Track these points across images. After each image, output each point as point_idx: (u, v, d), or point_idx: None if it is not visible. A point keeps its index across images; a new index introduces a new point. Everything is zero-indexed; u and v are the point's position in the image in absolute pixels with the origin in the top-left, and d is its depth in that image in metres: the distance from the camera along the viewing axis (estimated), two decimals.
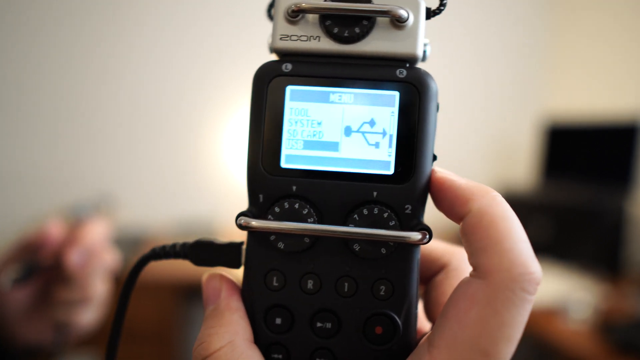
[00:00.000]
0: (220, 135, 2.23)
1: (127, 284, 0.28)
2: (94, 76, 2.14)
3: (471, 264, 0.22)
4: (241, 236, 0.26)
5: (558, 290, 1.47)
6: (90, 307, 0.54)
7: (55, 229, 0.51)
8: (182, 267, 1.75)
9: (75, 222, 0.54)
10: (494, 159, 2.49)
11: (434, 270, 0.27)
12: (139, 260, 0.28)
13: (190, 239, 0.27)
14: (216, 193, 2.21)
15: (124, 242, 1.93)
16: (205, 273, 0.26)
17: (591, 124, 2.02)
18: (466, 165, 2.47)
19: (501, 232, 0.21)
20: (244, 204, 0.26)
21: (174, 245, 0.27)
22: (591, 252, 1.71)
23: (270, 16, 0.27)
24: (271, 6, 0.27)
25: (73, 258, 0.49)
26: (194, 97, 2.21)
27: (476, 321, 0.20)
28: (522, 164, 2.46)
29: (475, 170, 2.47)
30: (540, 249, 1.87)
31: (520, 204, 2.07)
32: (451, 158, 2.44)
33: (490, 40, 2.46)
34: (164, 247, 0.27)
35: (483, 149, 2.48)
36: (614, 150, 1.92)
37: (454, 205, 0.23)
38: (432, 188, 0.24)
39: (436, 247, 0.28)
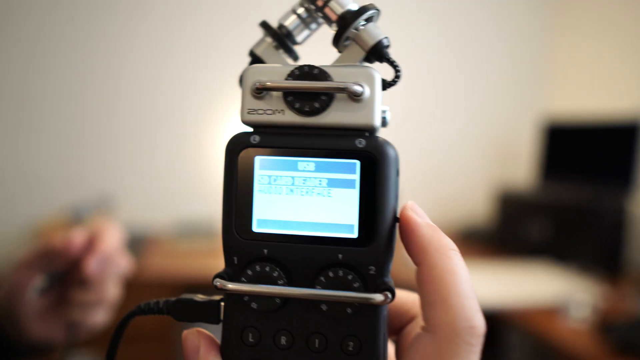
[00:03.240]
0: (221, 135, 2.23)
1: (113, 339, 0.30)
2: (95, 78, 2.15)
3: (423, 316, 0.23)
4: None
5: (558, 290, 1.48)
6: (103, 308, 0.57)
7: (78, 238, 0.55)
8: (183, 267, 1.75)
9: (93, 229, 0.57)
10: (493, 159, 2.50)
11: (405, 321, 0.29)
12: (125, 316, 0.29)
13: (190, 241, 0.28)
14: (216, 194, 2.21)
15: (123, 243, 1.93)
16: (185, 330, 0.27)
17: (591, 123, 2.03)
18: (466, 165, 2.47)
19: (448, 288, 0.22)
20: None
21: (157, 302, 0.29)
22: (591, 252, 1.71)
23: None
24: (242, 77, 0.29)
25: (92, 264, 0.53)
26: (194, 98, 2.21)
27: None
28: (522, 164, 2.46)
29: (475, 170, 2.47)
30: (540, 249, 1.87)
31: (520, 204, 2.07)
32: (451, 158, 2.45)
33: (489, 40, 2.46)
34: (148, 304, 0.29)
35: (483, 148, 2.48)
36: (614, 150, 1.92)
37: (411, 250, 0.24)
38: (400, 224, 0.25)
39: (407, 298, 0.29)
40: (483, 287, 1.53)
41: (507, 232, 2.08)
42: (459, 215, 2.43)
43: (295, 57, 0.30)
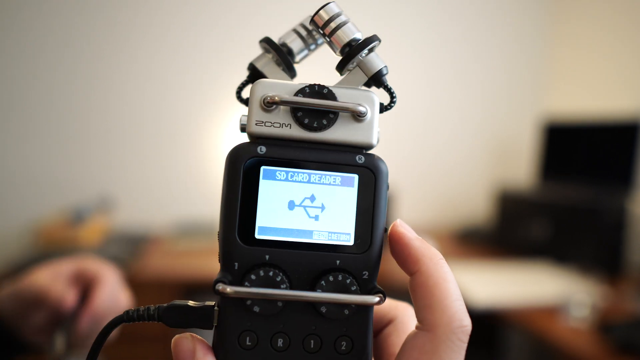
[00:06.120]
0: (220, 135, 2.23)
1: (95, 344, 0.29)
2: (96, 79, 2.15)
3: (417, 317, 0.26)
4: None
5: (558, 290, 1.48)
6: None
7: (70, 297, 0.56)
8: (183, 267, 1.75)
9: (87, 281, 0.58)
10: (493, 159, 2.50)
11: (382, 324, 0.31)
12: (111, 322, 0.29)
13: (190, 241, 0.28)
14: (217, 194, 2.21)
15: (124, 242, 1.94)
16: (175, 335, 0.27)
17: (591, 123, 2.03)
18: (466, 165, 2.47)
19: (443, 293, 0.26)
20: None
21: (148, 308, 0.29)
22: (591, 252, 1.72)
23: (239, 98, 0.32)
24: (240, 89, 0.32)
25: (84, 325, 0.55)
26: (193, 98, 2.21)
27: None
28: (522, 164, 2.47)
29: (475, 170, 2.47)
30: (540, 249, 1.87)
31: (519, 203, 2.07)
32: (451, 158, 2.45)
33: (489, 39, 2.46)
34: (137, 310, 0.29)
35: (483, 148, 2.48)
36: (614, 149, 1.92)
37: (405, 261, 0.27)
38: (391, 239, 0.28)
39: (384, 303, 0.31)
40: (483, 287, 1.53)
41: (507, 232, 2.08)
42: (458, 215, 2.43)
43: (293, 75, 0.31)
